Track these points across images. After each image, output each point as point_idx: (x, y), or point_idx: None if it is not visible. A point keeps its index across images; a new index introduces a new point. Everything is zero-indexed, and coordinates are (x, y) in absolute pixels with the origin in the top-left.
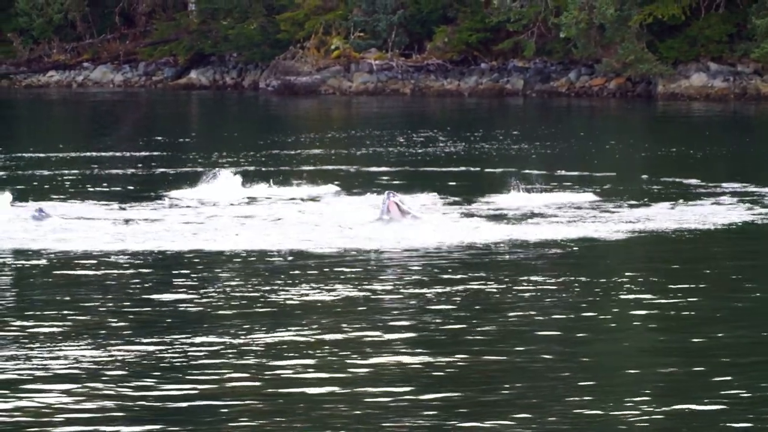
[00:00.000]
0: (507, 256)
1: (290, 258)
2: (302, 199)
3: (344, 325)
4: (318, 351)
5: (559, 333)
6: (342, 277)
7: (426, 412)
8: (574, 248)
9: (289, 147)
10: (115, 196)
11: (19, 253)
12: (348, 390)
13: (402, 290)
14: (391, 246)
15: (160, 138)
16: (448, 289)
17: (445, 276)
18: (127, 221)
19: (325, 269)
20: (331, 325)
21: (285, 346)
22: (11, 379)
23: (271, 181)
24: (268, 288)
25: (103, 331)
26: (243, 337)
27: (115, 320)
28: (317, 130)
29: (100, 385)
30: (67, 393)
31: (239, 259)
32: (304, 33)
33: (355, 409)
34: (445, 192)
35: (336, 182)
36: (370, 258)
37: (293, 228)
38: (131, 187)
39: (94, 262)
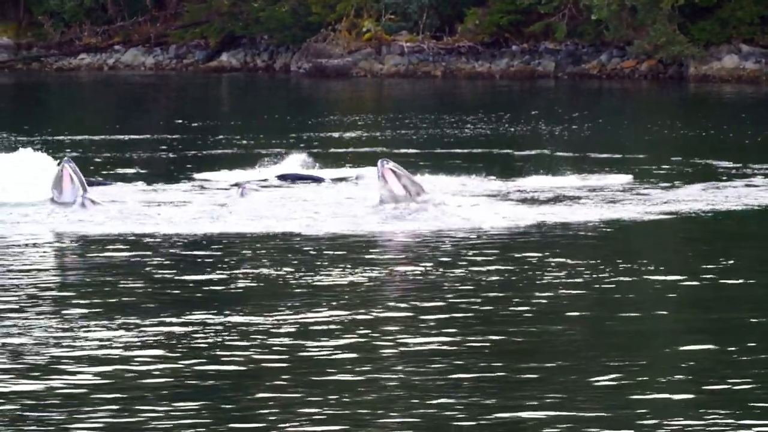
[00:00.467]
0: (537, 238)
1: (324, 239)
2: (338, 180)
3: (375, 306)
4: (349, 331)
5: (589, 313)
6: (374, 258)
7: (457, 392)
8: (606, 230)
9: (321, 129)
10: (145, 178)
11: (58, 235)
12: (378, 370)
13: (433, 271)
14: (422, 227)
15: (190, 121)
16: (477, 269)
17: (476, 257)
18: (158, 204)
19: (358, 250)
20: (361, 306)
21: (317, 327)
22: (46, 361)
23: (309, 162)
24: (301, 269)
25: (135, 312)
26: (275, 317)
27: (147, 301)
28: (348, 112)
29: (133, 366)
30: (101, 374)
31: (273, 241)
32: (335, 15)
33: (385, 390)
34: (476, 174)
35: (366, 165)
36: (402, 240)
37: (326, 209)
38: (162, 169)
39: (126, 244)
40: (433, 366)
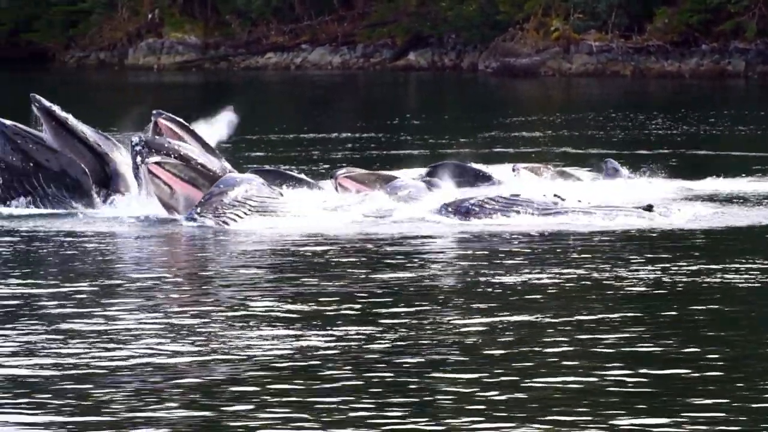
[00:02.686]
0: (729, 240)
1: (513, 239)
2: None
3: (578, 308)
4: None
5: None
6: (573, 258)
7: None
8: None
9: (508, 128)
10: (323, 175)
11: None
12: (567, 370)
13: (621, 273)
14: (579, 227)
15: (377, 119)
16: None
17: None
18: (336, 207)
19: (546, 249)
20: (581, 305)
21: (500, 328)
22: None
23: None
24: (488, 269)
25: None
26: (459, 318)
27: (336, 299)
28: (535, 111)
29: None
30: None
31: (445, 240)
32: (523, 14)
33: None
34: (662, 174)
35: (555, 163)
36: (567, 238)
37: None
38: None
39: (303, 241)
40: (608, 367)
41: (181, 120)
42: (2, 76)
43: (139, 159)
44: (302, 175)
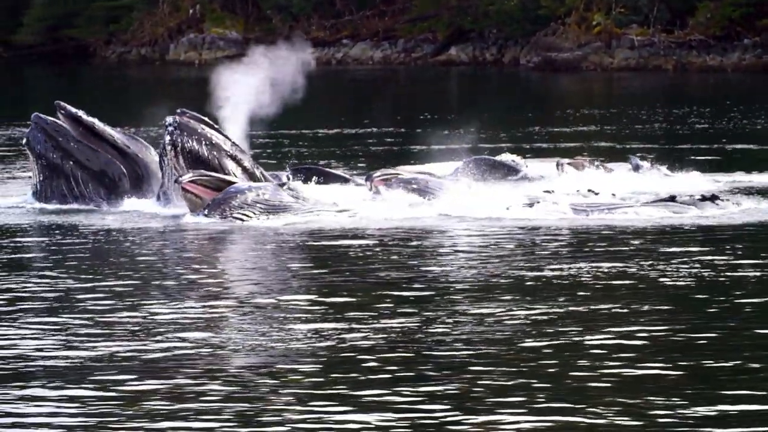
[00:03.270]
0: (747, 234)
1: (560, 231)
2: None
3: (587, 300)
4: (558, 326)
5: None
6: (600, 251)
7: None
8: None
9: (549, 123)
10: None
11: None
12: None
13: (658, 266)
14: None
15: (416, 114)
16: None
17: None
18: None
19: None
20: (571, 301)
21: (531, 321)
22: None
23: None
24: (519, 263)
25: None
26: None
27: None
28: (578, 106)
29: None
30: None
31: (484, 233)
32: (564, 9)
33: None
34: (702, 168)
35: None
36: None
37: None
38: (377, 162)
39: (342, 237)
40: (644, 358)
41: (205, 118)
42: (44, 72)
43: (168, 139)
44: (339, 172)
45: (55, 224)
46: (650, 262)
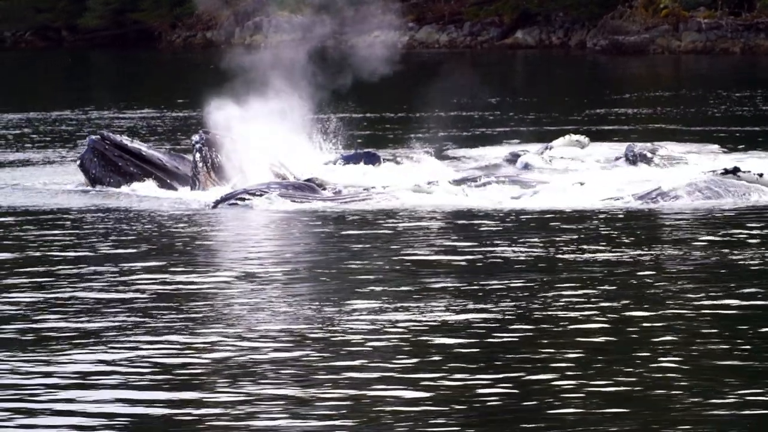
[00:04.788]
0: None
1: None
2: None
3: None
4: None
5: None
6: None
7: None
8: None
9: (616, 105)
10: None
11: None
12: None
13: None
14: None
15: (481, 98)
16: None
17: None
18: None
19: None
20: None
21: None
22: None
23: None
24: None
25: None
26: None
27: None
28: (644, 89)
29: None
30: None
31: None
32: None
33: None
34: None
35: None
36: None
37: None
38: (460, 148)
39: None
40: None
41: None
42: (110, 56)
43: (198, 156)
44: (393, 158)
45: (115, 208)
46: (717, 246)
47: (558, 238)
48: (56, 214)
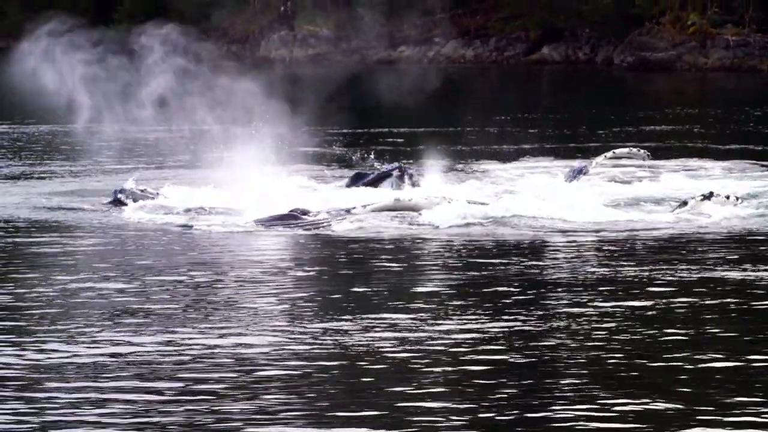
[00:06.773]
0: None
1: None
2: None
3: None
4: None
5: None
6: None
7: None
8: None
9: (642, 123)
10: (477, 171)
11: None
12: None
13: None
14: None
15: (505, 114)
16: None
17: None
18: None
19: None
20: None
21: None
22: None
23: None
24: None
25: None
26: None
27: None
28: (671, 105)
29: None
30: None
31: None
32: (659, 8)
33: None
34: None
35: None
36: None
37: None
38: (455, 159)
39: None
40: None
41: None
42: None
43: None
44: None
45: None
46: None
47: (554, 257)
48: None
